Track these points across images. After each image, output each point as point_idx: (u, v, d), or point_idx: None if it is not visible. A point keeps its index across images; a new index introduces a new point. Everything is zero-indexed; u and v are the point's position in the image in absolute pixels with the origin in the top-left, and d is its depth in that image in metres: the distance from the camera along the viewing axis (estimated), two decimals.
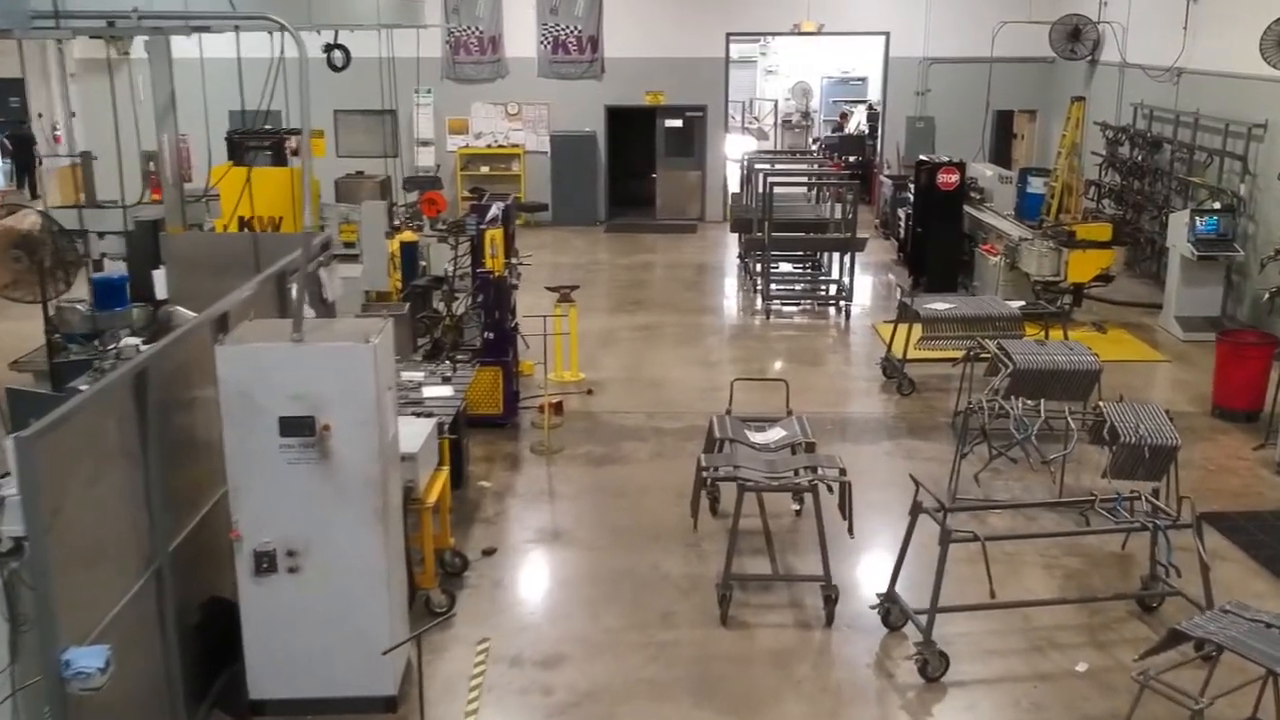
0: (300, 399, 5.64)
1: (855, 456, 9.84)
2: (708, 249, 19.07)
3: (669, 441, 10.11)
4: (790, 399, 9.07)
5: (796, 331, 13.83)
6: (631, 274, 17.08)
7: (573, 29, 20.62)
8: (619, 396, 11.37)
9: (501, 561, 7.86)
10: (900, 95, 21.08)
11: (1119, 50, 17.79)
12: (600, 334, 13.59)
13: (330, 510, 5.79)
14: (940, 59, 20.74)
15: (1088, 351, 9.82)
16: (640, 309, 14.90)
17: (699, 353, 12.89)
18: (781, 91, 32.41)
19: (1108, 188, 17.30)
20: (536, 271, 16.86)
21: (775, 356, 12.78)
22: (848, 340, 13.56)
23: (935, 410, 10.94)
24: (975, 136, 20.71)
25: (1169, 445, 8.12)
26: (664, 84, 20.87)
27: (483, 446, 9.95)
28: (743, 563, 7.78)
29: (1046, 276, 13.61)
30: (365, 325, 5.94)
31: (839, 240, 14.63)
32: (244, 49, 15.38)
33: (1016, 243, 13.93)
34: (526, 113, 21.03)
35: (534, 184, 21.17)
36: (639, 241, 19.63)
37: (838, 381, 11.95)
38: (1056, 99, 20.62)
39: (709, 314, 14.65)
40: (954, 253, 15.53)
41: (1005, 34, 19.76)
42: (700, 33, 20.63)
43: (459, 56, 20.77)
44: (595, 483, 9.30)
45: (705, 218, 21.47)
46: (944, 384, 11.57)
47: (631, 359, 12.66)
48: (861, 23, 20.80)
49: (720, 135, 21.35)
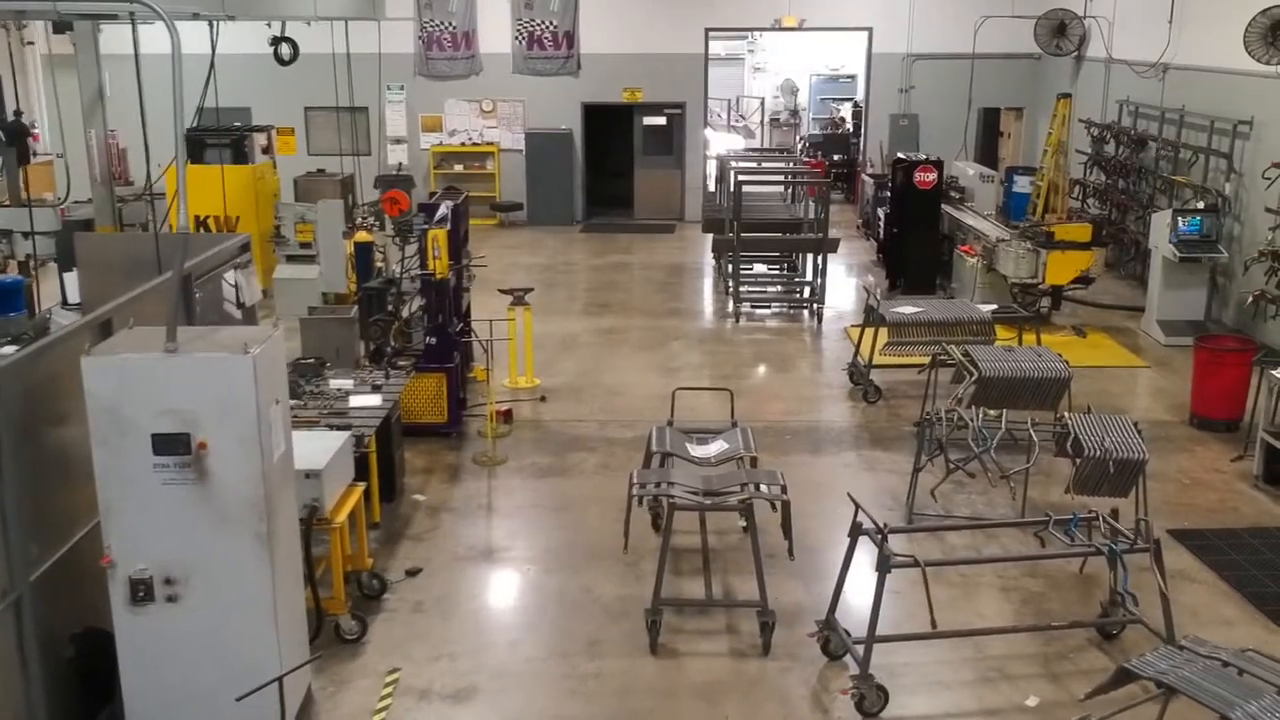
0: (174, 415, 5.19)
1: (814, 469, 9.40)
2: (685, 249, 18.61)
3: (618, 452, 9.65)
4: (754, 406, 8.65)
5: (767, 335, 13.37)
6: (603, 275, 16.63)
7: (548, 24, 20.17)
8: (572, 404, 10.92)
9: (425, 583, 7.41)
10: (884, 92, 20.62)
11: (1105, 45, 17.32)
12: (562, 338, 13.14)
13: (210, 535, 5.34)
14: (924, 55, 20.27)
15: (1057, 358, 9.37)
16: (607, 312, 14.44)
17: (661, 358, 12.43)
18: (769, 89, 31.96)
19: (1093, 187, 16.83)
20: (507, 273, 16.45)
21: (741, 362, 12.32)
22: (818, 344, 13.10)
23: (900, 419, 10.48)
24: (960, 134, 20.25)
25: (1136, 459, 7.67)
26: (642, 81, 20.42)
27: (423, 457, 9.50)
28: (679, 585, 7.33)
29: (1024, 279, 13.16)
30: (248, 334, 5.48)
31: (811, 241, 14.17)
32: (206, 46, 14.93)
33: (994, 244, 13.47)
34: (501, 110, 20.58)
35: (509, 183, 20.73)
36: (615, 242, 19.18)
37: (803, 388, 11.49)
38: (1043, 96, 20.15)
39: (678, 317, 14.20)
40: (932, 254, 15.10)
41: (991, 30, 19.30)
42: (679, 28, 20.18)
43: (432, 52, 20.32)
44: (537, 496, 8.85)
45: (685, 217, 21.01)
46: (911, 391, 11.11)
47: (591, 364, 12.20)
48: (844, 18, 20.33)
49: (700, 133, 20.89)
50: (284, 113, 20.05)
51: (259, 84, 18.40)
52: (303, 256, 14.11)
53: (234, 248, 7.86)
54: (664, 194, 21.12)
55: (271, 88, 18.48)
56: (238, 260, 7.81)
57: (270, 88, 18.53)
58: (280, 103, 19.78)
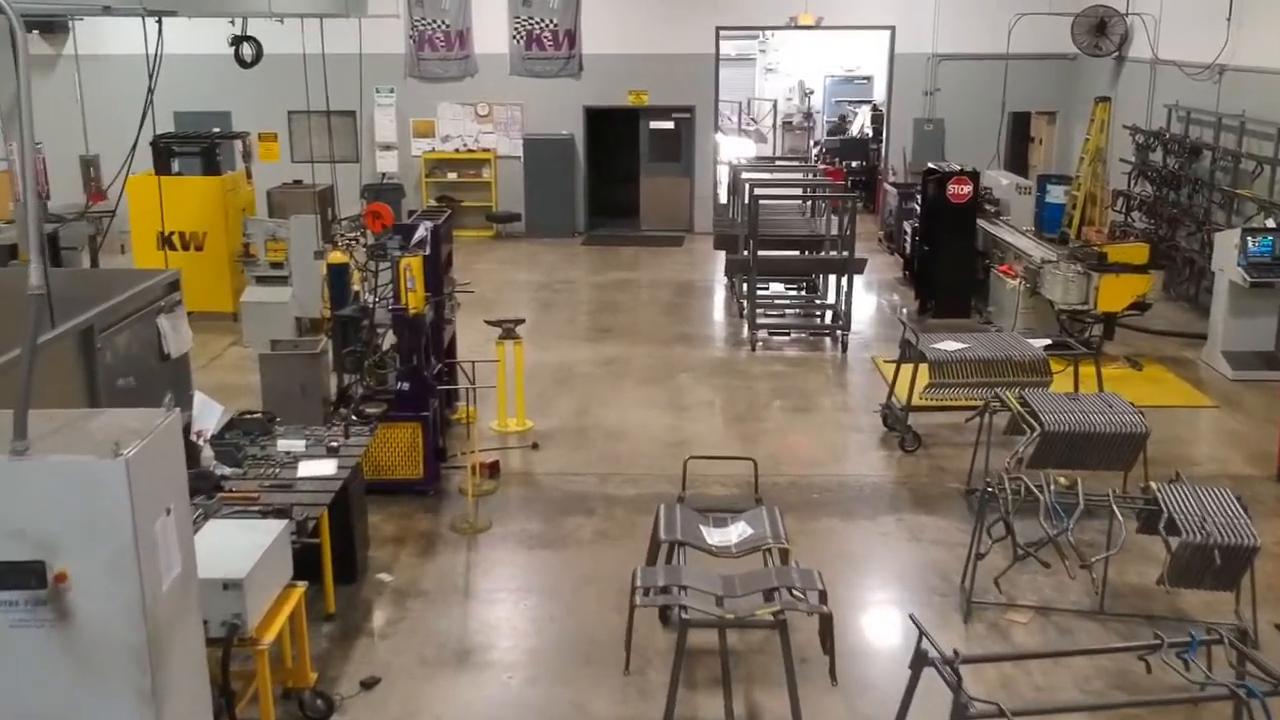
0: (23, 537, 3.89)
1: (847, 538, 8.07)
2: (694, 264, 17.29)
3: (620, 515, 8.33)
4: (775, 455, 7.34)
5: (786, 366, 12.03)
6: (605, 294, 15.31)
7: (548, 22, 18.85)
8: (569, 452, 9.60)
9: (383, 697, 6.09)
10: (907, 95, 19.26)
11: (1150, 45, 15.96)
12: (558, 369, 11.83)
13: (75, 693, 4.03)
14: (951, 55, 18.92)
15: (1130, 409, 8.05)
16: (609, 338, 13.12)
17: (669, 393, 11.11)
18: (782, 91, 30.61)
19: (1139, 199, 15.47)
20: (502, 292, 15.15)
21: (757, 400, 10.99)
22: (844, 377, 11.76)
23: (945, 473, 9.14)
24: (989, 141, 18.90)
25: (1245, 546, 6.34)
26: (648, 83, 19.09)
27: (394, 522, 8.19)
28: (694, 702, 6.00)
29: (1073, 305, 11.82)
30: (130, 423, 4.15)
31: (834, 262, 12.82)
32: (192, 44, 13.70)
33: (1039, 265, 12.13)
34: (498, 114, 19.26)
35: (506, 192, 19.41)
36: (619, 256, 17.85)
37: (830, 432, 10.16)
38: (1078, 99, 18.79)
39: (687, 344, 12.87)
40: (966, 273, 13.76)
41: (1021, 29, 17.94)
42: (688, 27, 18.85)
43: (423, 52, 19.01)
44: (523, 575, 7.53)
45: (694, 229, 19.68)
46: (955, 436, 9.80)
47: (590, 401, 10.89)
48: (864, 16, 18.99)
49: (710, 138, 19.56)
50: (266, 117, 18.77)
51: (238, 87, 17.04)
52: (274, 278, 12.80)
53: (159, 287, 6.55)
54: (671, 204, 19.79)
55: (252, 91, 17.17)
56: (163, 302, 6.50)
57: (251, 91, 17.21)
58: (262, 106, 18.50)
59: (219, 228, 13.48)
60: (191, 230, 13.52)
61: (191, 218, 13.52)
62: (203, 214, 13.52)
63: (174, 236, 13.54)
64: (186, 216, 13.53)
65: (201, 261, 13.50)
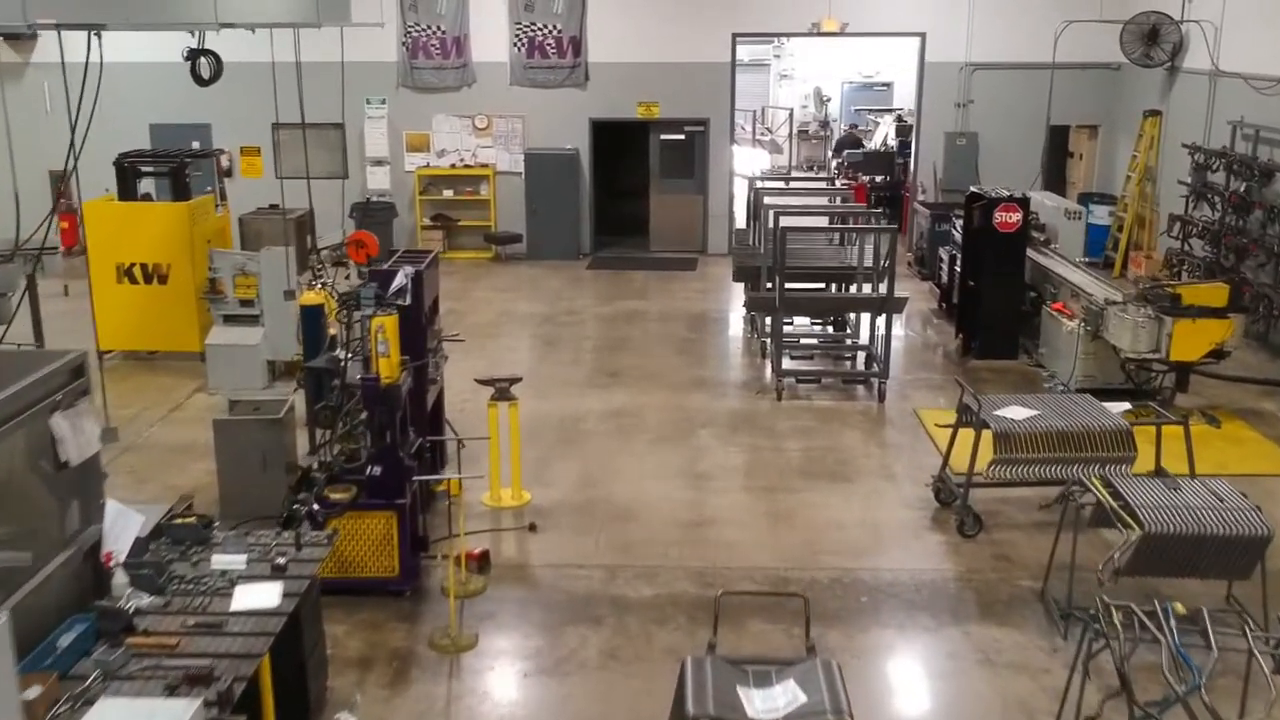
0: None
1: (904, 659, 6.73)
2: (709, 291, 15.94)
3: (633, 626, 6.98)
4: (810, 540, 5.98)
5: (816, 421, 10.68)
6: (613, 328, 13.96)
7: (551, 29, 17.51)
8: (571, 536, 8.26)
9: None
10: (937, 107, 17.88)
11: (1210, 55, 14.57)
12: (562, 422, 10.50)
13: None
14: (985, 64, 17.55)
15: (1244, 503, 6.72)
16: (617, 383, 11.78)
17: (686, 456, 9.76)
18: (797, 98, 29.28)
19: (1200, 225, 14.09)
20: (499, 324, 13.81)
21: (787, 465, 9.64)
22: (883, 434, 10.40)
23: (1014, 566, 7.79)
24: (1026, 157, 17.53)
25: None
26: (659, 93, 17.75)
27: (362, 634, 6.86)
28: None
29: (1143, 353, 10.46)
30: None
31: (872, 300, 11.46)
32: (168, 51, 12.39)
33: (1102, 307, 10.76)
34: (498, 126, 17.92)
35: (506, 211, 18.08)
36: (627, 282, 16.51)
37: (874, 508, 8.79)
38: (1123, 112, 17.42)
39: (705, 390, 11.52)
40: (1013, 309, 12.40)
41: (1062, 36, 16.59)
42: (702, 33, 17.51)
43: (417, 60, 17.68)
44: (512, 717, 6.19)
45: (707, 250, 18.35)
46: (1020, 514, 8.49)
47: (597, 466, 9.55)
48: (892, 22, 17.61)
49: (725, 153, 18.21)
50: (249, 130, 17.44)
51: (219, 98, 15.61)
52: (243, 317, 11.50)
53: (59, 374, 5.20)
54: (684, 223, 18.44)
55: (234, 102, 15.82)
56: (62, 396, 5.15)
57: (232, 102, 15.86)
58: (245, 118, 17.16)
59: (184, 259, 12.15)
60: (155, 261, 12.20)
61: (155, 247, 12.21)
62: (167, 243, 12.20)
63: (135, 268, 12.23)
64: (149, 246, 12.22)
65: (166, 296, 12.20)
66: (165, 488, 8.98)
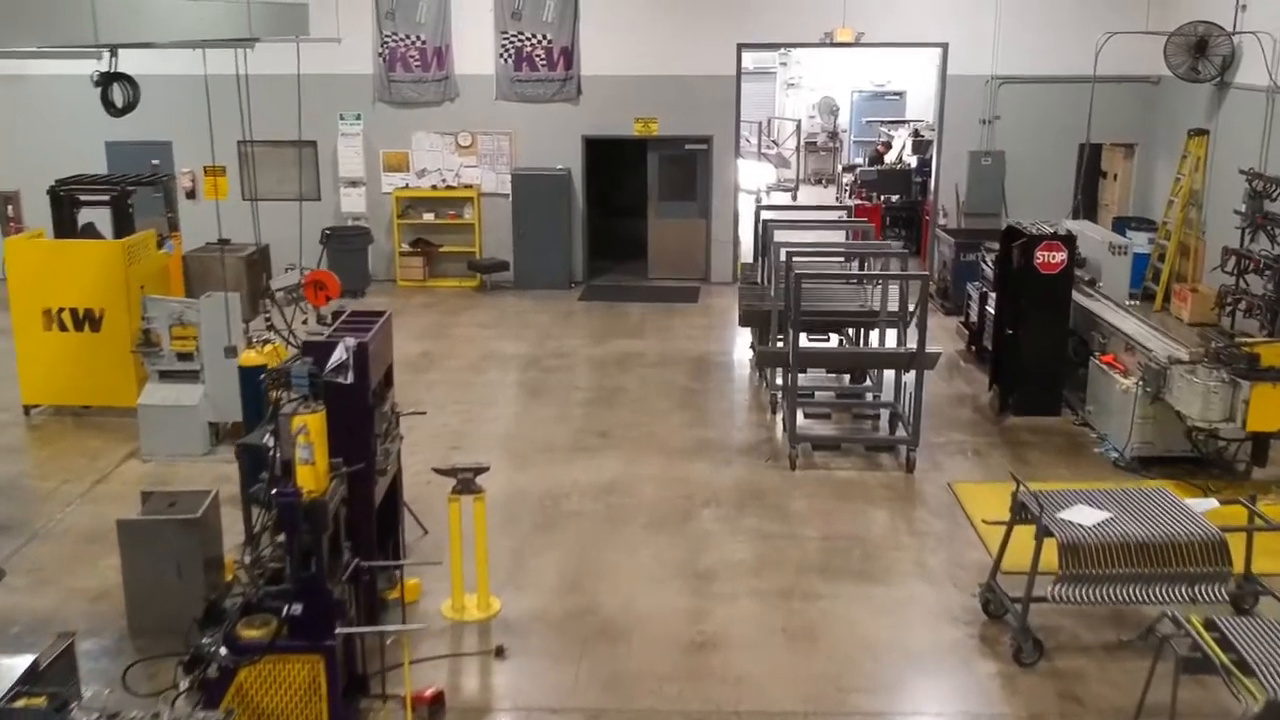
0: None
1: None
2: (711, 328, 14.53)
3: None
4: (835, 671, 4.55)
5: (837, 498, 9.25)
6: (605, 375, 12.54)
7: (541, 38, 16.10)
8: (547, 665, 6.84)
9: None
10: (960, 123, 16.44)
11: (1268, 70, 13.14)
12: (542, 501, 9.10)
13: None
14: (1014, 78, 16.12)
15: None
16: (608, 446, 10.37)
17: (687, 547, 8.34)
18: (805, 108, 27.91)
19: (1261, 259, 12.66)
20: (478, 370, 12.12)
21: (806, 559, 8.21)
22: (916, 518, 8.97)
23: (1090, 712, 6.36)
24: (1057, 179, 16.15)
25: None
26: (658, 109, 16.34)
27: None
28: None
29: (1214, 422, 9.04)
30: None
31: (899, 356, 10.02)
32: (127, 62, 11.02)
33: (1165, 366, 9.34)
34: (482, 145, 16.52)
35: (493, 236, 16.68)
36: (622, 316, 15.09)
37: (909, 622, 7.36)
38: (1164, 130, 15.99)
39: (707, 456, 10.11)
40: (1056, 360, 11.00)
41: (1092, 47, 15.20)
42: (705, 44, 16.09)
43: (395, 73, 16.27)
44: None
45: (711, 277, 16.95)
46: (1087, 632, 7.08)
47: (581, 562, 8.13)
48: (912, 31, 16.18)
49: (730, 172, 16.80)
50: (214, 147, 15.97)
51: (181, 112, 14.28)
52: (182, 373, 10.09)
53: None
54: (685, 249, 17.03)
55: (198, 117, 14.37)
56: None
57: (197, 117, 14.42)
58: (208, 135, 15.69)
59: (120, 303, 10.74)
60: (86, 306, 10.79)
61: (86, 290, 10.80)
62: (100, 285, 10.79)
63: (64, 314, 10.83)
64: (80, 288, 10.81)
65: (99, 345, 10.80)
66: (67, 593, 7.59)
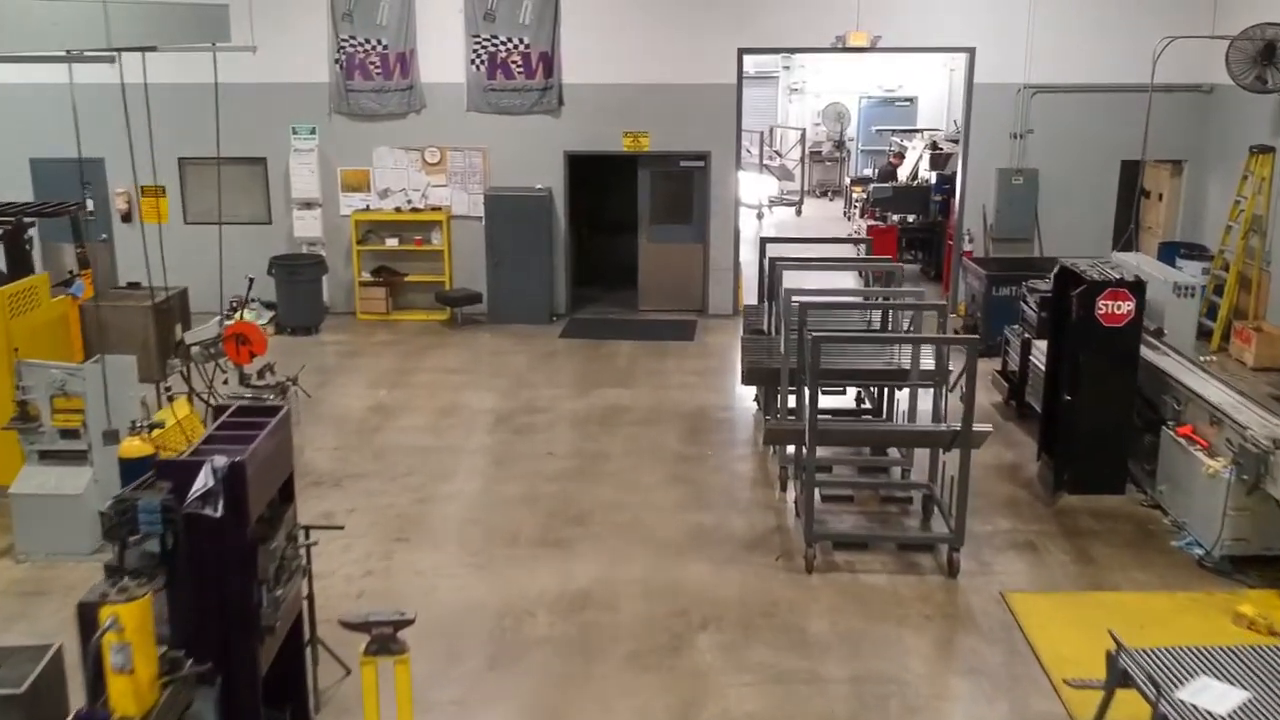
0: None
1: None
2: (709, 373, 12.76)
3: None
4: None
5: (862, 616, 7.47)
6: (585, 437, 10.76)
7: (517, 43, 14.33)
8: None
9: None
10: (988, 138, 14.68)
11: None
12: (500, 616, 7.33)
13: None
14: (1049, 86, 14.36)
15: None
16: (583, 538, 8.58)
17: (678, 695, 6.56)
18: (809, 115, 26.17)
19: None
20: (435, 429, 10.09)
21: (828, 715, 6.44)
22: (966, 647, 7.18)
23: None
24: (1097, 200, 14.41)
25: None
26: (649, 121, 14.59)
27: None
28: None
29: None
30: None
31: (939, 435, 8.20)
32: (58, 70, 9.35)
33: (1268, 450, 7.57)
34: (453, 161, 14.75)
35: (464, 264, 14.91)
36: (609, 358, 13.32)
37: None
38: (1218, 145, 14.24)
39: (705, 554, 8.33)
40: (1121, 427, 9.20)
41: (1136, 54, 13.45)
42: (702, 49, 14.35)
43: (353, 81, 14.49)
44: None
45: (708, 309, 15.20)
46: None
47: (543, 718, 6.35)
48: (934, 35, 14.42)
49: (730, 192, 15.04)
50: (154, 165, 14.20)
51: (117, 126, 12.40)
52: (66, 453, 8.29)
53: None
54: (680, 277, 15.28)
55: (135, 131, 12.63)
56: None
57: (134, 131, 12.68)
58: (146, 151, 13.89)
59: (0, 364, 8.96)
60: None
61: None
62: None
63: None
64: None
65: None
66: None
